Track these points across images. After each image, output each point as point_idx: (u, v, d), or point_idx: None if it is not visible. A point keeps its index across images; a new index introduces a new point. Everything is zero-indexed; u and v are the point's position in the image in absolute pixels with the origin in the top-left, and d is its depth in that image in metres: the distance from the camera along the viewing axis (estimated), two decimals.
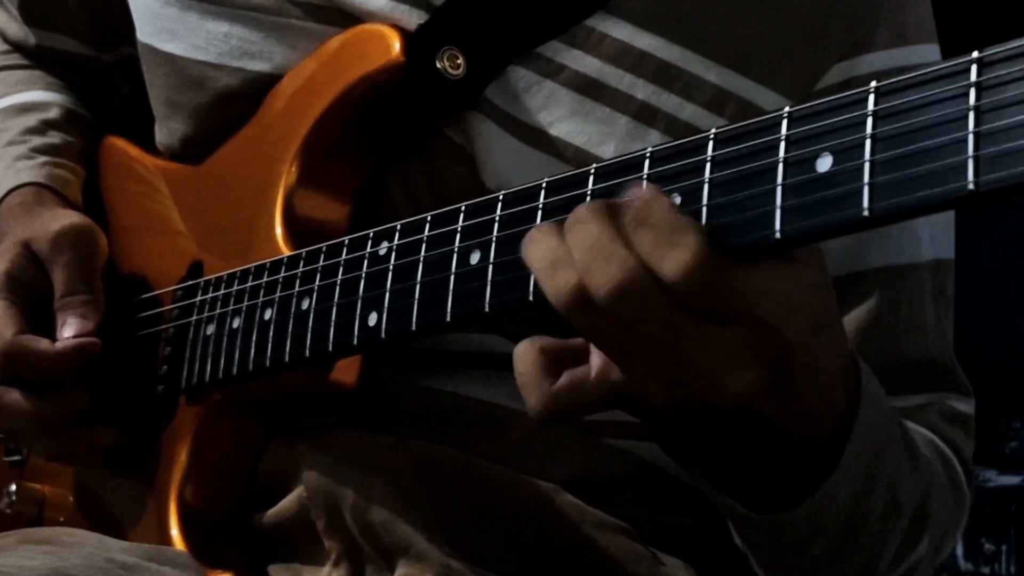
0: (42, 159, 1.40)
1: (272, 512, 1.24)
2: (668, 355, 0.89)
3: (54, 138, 1.43)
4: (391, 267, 1.08)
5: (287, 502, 1.23)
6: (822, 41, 1.19)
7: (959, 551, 3.00)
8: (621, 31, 1.17)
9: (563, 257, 0.89)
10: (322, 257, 1.14)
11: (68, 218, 1.33)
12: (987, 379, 1.27)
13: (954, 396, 1.24)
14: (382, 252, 1.09)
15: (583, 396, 0.94)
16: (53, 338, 1.29)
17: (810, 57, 1.18)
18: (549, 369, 0.94)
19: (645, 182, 0.92)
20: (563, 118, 1.17)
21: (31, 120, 1.44)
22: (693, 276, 0.86)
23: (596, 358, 0.94)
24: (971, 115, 0.78)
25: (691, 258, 0.86)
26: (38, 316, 1.31)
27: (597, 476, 1.21)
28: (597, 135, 1.17)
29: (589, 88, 1.17)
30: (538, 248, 0.91)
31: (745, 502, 1.00)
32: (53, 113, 1.45)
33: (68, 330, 1.29)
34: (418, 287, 1.05)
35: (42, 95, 1.47)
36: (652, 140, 1.16)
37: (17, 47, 1.52)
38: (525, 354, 0.95)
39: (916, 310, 1.22)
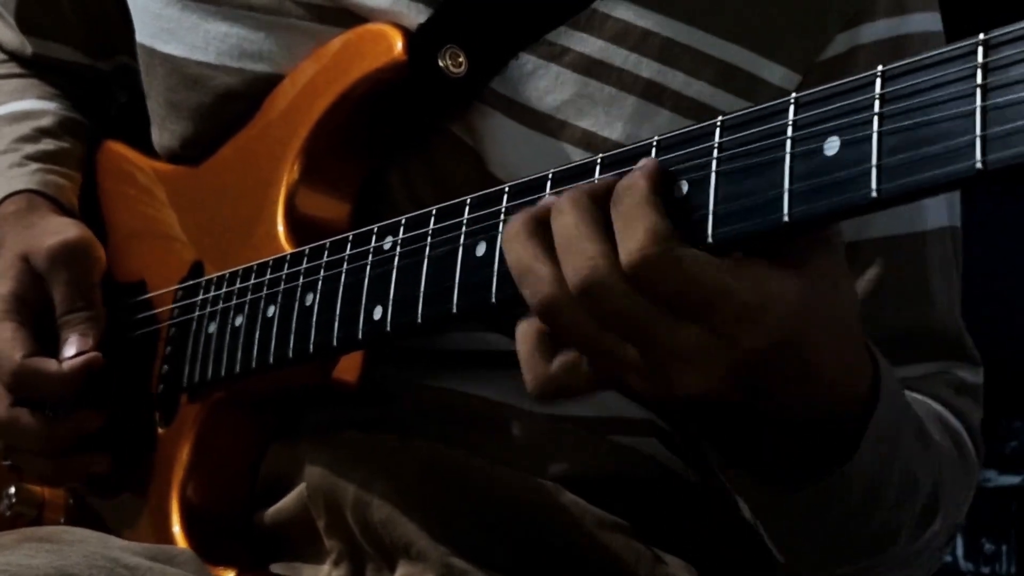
0: (35, 166, 1.40)
1: (273, 511, 1.24)
2: (634, 347, 0.90)
3: (48, 145, 1.42)
4: (396, 261, 1.08)
5: (288, 501, 1.23)
6: (824, 11, 1.19)
7: (959, 551, 3.01)
8: (623, 11, 1.18)
9: (534, 262, 0.92)
10: (326, 253, 1.14)
11: (63, 232, 1.33)
12: (987, 378, 1.27)
13: (962, 366, 1.24)
14: (386, 247, 1.09)
15: (576, 379, 0.95)
16: (57, 353, 1.31)
17: (812, 28, 1.19)
18: (547, 349, 0.95)
19: (645, 161, 0.92)
20: (569, 101, 1.17)
21: (24, 128, 1.44)
22: (647, 260, 0.87)
23: None
24: (978, 94, 0.79)
25: (644, 240, 0.87)
26: (43, 332, 1.32)
27: (598, 474, 1.21)
28: (604, 116, 1.17)
29: (594, 69, 1.17)
30: (512, 252, 0.93)
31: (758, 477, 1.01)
32: (46, 121, 1.45)
33: (70, 349, 1.30)
34: (424, 279, 1.05)
35: (36, 104, 1.47)
36: (661, 119, 1.16)
37: (13, 56, 1.52)
38: (525, 333, 0.96)
39: (921, 279, 1.22)
